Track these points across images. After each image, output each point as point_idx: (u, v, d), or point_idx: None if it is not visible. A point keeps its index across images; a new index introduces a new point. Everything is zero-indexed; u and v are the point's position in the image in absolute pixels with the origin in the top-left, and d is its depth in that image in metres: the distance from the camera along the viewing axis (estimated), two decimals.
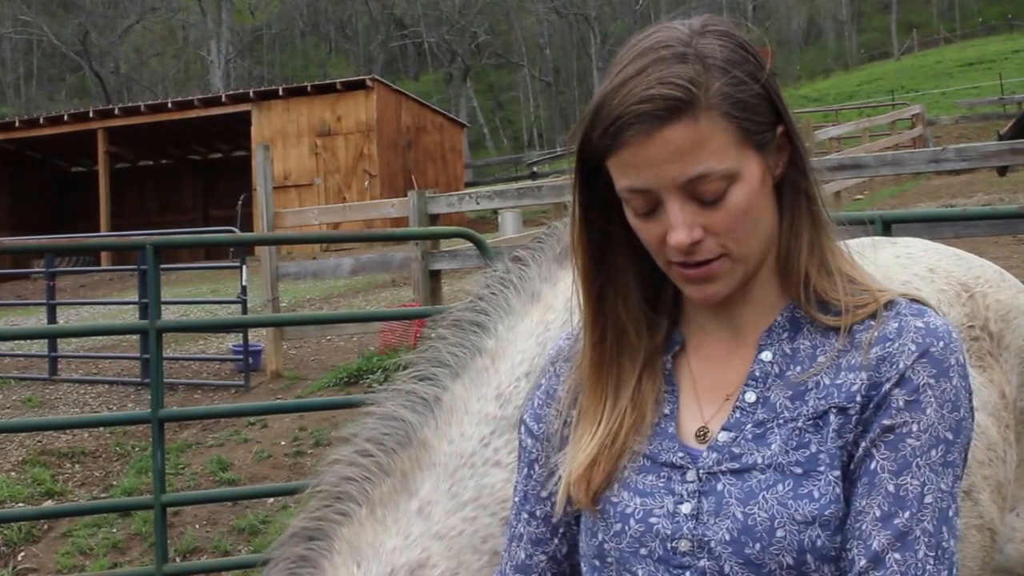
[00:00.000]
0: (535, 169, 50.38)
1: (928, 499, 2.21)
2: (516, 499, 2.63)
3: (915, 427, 2.24)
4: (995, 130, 35.53)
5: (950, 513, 2.23)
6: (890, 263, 3.60)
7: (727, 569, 2.27)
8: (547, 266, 3.52)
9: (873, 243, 2.51)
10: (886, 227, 7.07)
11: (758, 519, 2.26)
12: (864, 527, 2.21)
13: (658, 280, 2.49)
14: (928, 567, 2.17)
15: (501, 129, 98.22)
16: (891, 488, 2.22)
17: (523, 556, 2.59)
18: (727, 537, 2.28)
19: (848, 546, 2.23)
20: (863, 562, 2.19)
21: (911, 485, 2.21)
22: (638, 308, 2.49)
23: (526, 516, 2.60)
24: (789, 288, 2.43)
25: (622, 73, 2.28)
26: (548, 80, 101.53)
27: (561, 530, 2.57)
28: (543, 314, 3.41)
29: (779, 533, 2.24)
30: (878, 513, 2.21)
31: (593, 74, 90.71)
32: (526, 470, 2.63)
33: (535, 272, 3.53)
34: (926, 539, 2.18)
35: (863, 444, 2.27)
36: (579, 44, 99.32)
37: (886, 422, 2.26)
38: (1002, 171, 24.32)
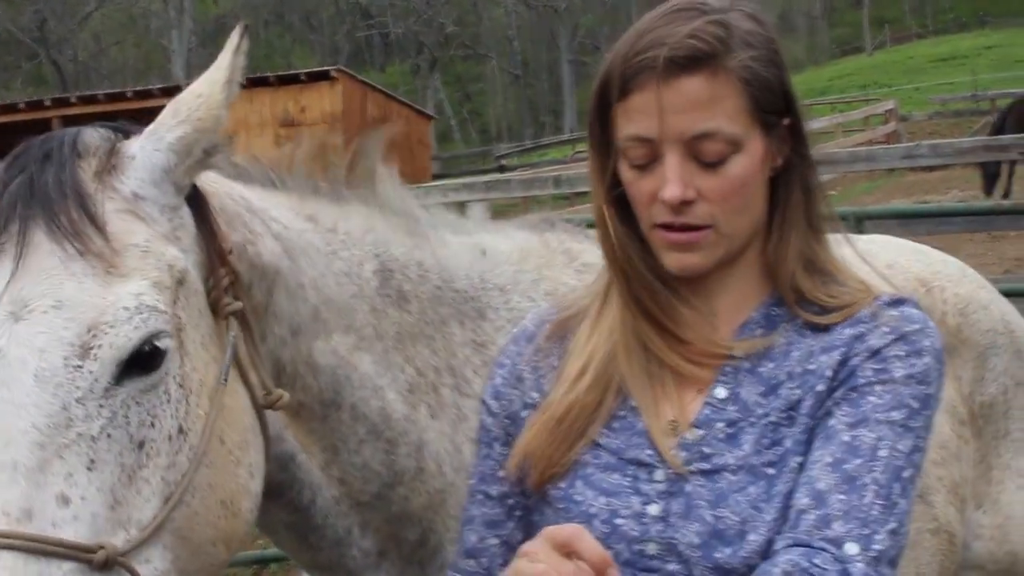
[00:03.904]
0: (503, 162, 50.38)
1: (882, 452, 2.20)
2: (472, 481, 2.60)
3: (879, 387, 2.26)
4: (968, 126, 35.73)
5: (905, 473, 2.21)
6: (849, 260, 3.66)
7: (696, 573, 2.26)
8: None
9: (835, 240, 2.50)
10: (859, 223, 7.09)
11: (728, 522, 2.25)
12: (813, 472, 2.20)
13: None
14: (874, 513, 2.14)
15: (469, 121, 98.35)
16: (846, 438, 2.22)
17: (474, 539, 2.56)
18: (696, 540, 2.26)
19: (795, 492, 2.21)
20: (805, 500, 2.17)
21: (866, 437, 2.21)
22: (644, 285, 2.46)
23: (481, 497, 2.57)
24: (770, 283, 2.44)
25: (649, 23, 2.32)
26: (517, 72, 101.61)
27: (517, 514, 2.54)
28: None
29: (750, 536, 2.23)
30: (829, 460, 2.20)
31: (562, 67, 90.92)
32: (485, 450, 2.61)
33: None
34: (875, 487, 2.17)
35: (825, 407, 2.28)
36: (548, 36, 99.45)
37: (851, 385, 2.27)
38: (989, 188, 24.38)
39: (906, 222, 9.79)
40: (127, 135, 2.51)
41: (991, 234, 15.80)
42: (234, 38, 2.54)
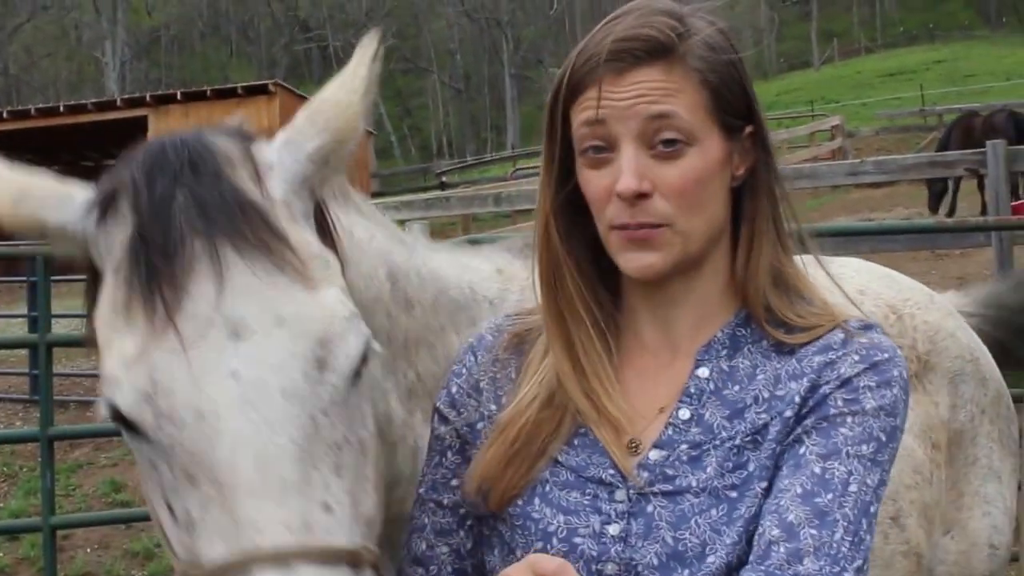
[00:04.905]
0: (444, 179, 50.24)
1: (853, 487, 2.21)
2: (421, 490, 2.61)
3: (850, 419, 2.26)
4: (916, 142, 35.94)
5: (871, 509, 2.23)
6: (820, 283, 3.70)
7: None
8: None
9: (805, 262, 2.53)
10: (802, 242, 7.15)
11: (688, 544, 2.26)
12: (783, 502, 2.21)
13: (602, 278, 2.51)
14: (843, 550, 2.16)
15: (409, 137, 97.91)
16: (816, 470, 2.22)
17: (423, 547, 2.57)
18: (655, 562, 2.27)
19: (762, 521, 2.22)
20: (776, 531, 2.18)
21: (838, 471, 2.22)
22: (591, 298, 2.49)
23: (432, 506, 2.58)
24: (736, 302, 2.45)
25: (606, 22, 2.36)
26: (459, 87, 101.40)
27: (468, 523, 2.55)
28: None
29: (709, 559, 2.24)
30: (799, 491, 2.21)
31: (505, 80, 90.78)
32: (437, 458, 2.61)
33: None
34: (845, 523, 2.18)
35: (794, 434, 2.28)
36: (491, 49, 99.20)
37: (821, 415, 2.27)
38: (934, 205, 24.53)
39: (849, 240, 9.86)
40: (248, 139, 2.50)
41: (935, 252, 15.96)
42: (371, 45, 2.52)
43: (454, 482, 2.56)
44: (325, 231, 2.53)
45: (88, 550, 11.93)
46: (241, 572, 2.08)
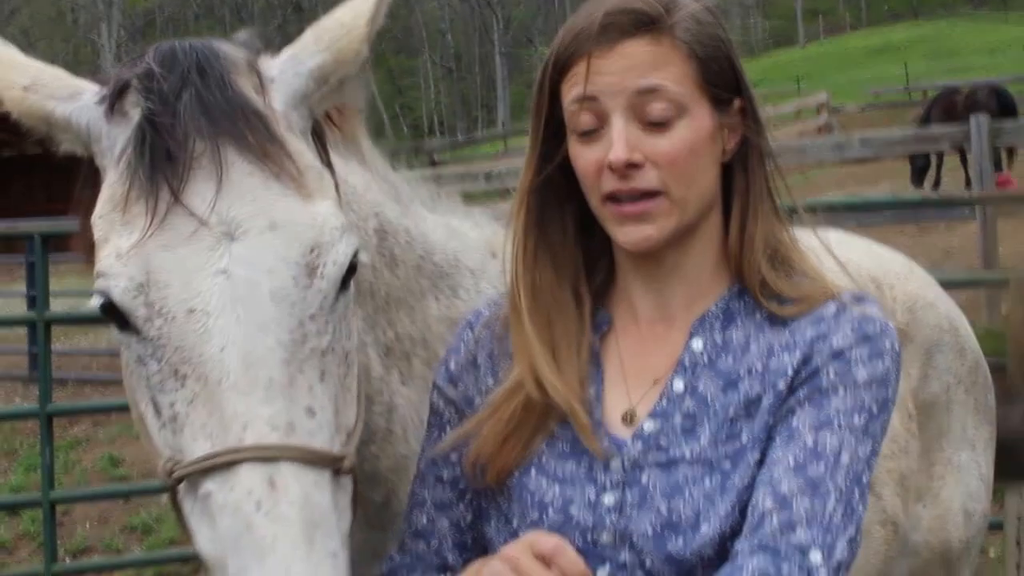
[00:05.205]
0: (435, 157, 50.15)
1: (844, 458, 2.22)
2: (421, 465, 2.61)
3: (842, 391, 2.27)
4: (902, 118, 35.85)
5: (863, 479, 2.24)
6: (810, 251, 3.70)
7: (648, 563, 2.28)
8: None
9: (796, 235, 2.53)
10: (790, 216, 7.13)
11: (683, 514, 2.26)
12: (776, 474, 2.22)
13: (591, 252, 2.52)
14: (836, 520, 2.17)
15: (401, 116, 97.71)
16: (809, 441, 2.23)
17: (424, 521, 2.57)
18: (650, 531, 2.28)
19: (756, 491, 2.23)
20: (769, 502, 2.19)
21: (830, 442, 2.23)
22: (569, 277, 2.50)
23: (432, 480, 2.58)
24: (729, 275, 2.46)
25: (594, 2, 2.37)
26: (450, 66, 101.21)
27: (468, 496, 2.55)
28: None
29: (703, 528, 2.25)
30: (792, 462, 2.22)
31: (495, 60, 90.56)
32: (436, 432, 2.61)
33: None
34: (836, 494, 2.19)
35: (787, 406, 2.29)
36: (481, 29, 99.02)
37: (814, 386, 2.28)
38: (917, 181, 24.49)
39: (835, 215, 9.86)
40: (255, 51, 2.54)
41: (920, 226, 15.95)
42: None
43: (453, 457, 2.56)
44: (322, 151, 2.56)
45: (87, 525, 11.92)
46: (225, 468, 2.10)
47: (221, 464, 2.10)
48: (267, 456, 2.10)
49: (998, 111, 21.83)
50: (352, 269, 2.34)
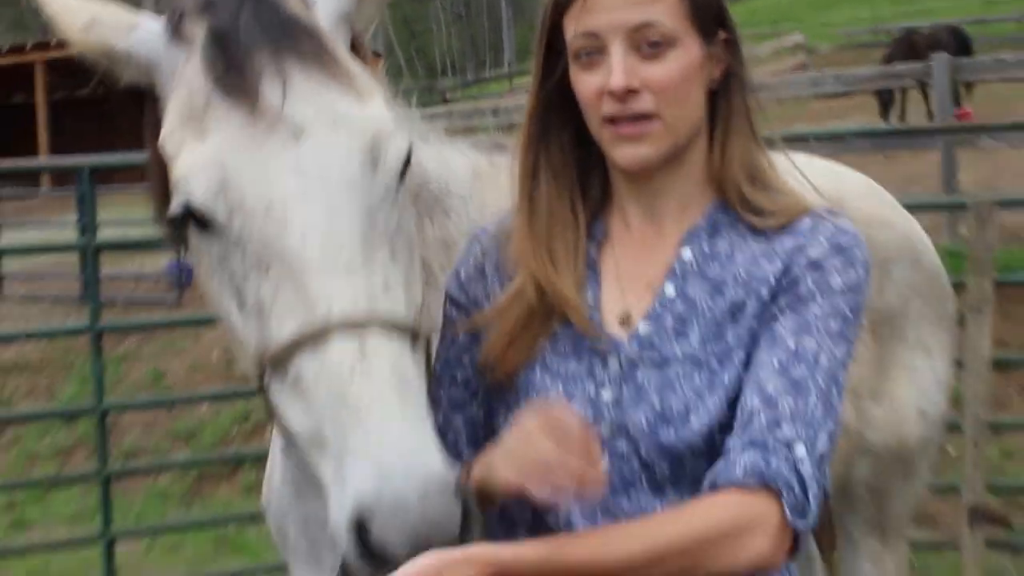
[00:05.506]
0: (447, 95, 50.06)
1: (823, 360, 2.26)
2: (437, 367, 2.61)
3: (819, 298, 2.30)
4: (872, 58, 35.75)
5: (840, 378, 2.28)
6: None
7: (643, 453, 2.31)
8: None
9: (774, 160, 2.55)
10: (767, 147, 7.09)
11: (674, 408, 2.30)
12: (762, 375, 2.25)
13: (588, 170, 2.54)
14: (817, 415, 2.21)
15: (416, 58, 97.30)
16: (791, 345, 2.27)
17: (440, 419, 2.56)
18: (644, 424, 2.31)
19: (744, 393, 2.26)
20: (756, 401, 2.22)
21: (809, 345, 2.27)
22: (567, 191, 2.52)
23: (447, 381, 2.60)
24: (713, 191, 2.47)
25: None
26: (460, 12, 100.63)
27: (480, 396, 2.58)
28: None
29: (692, 420, 2.28)
30: (776, 365, 2.25)
31: (501, 7, 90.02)
32: (449, 337, 2.63)
33: None
34: (817, 391, 2.23)
35: (770, 313, 2.32)
36: None
37: (793, 294, 2.32)
38: (885, 113, 24.37)
39: (809, 145, 9.83)
40: None
41: (887, 155, 15.86)
42: None
43: (465, 359, 2.58)
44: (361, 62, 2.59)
45: (136, 431, 12.01)
46: (315, 342, 2.12)
47: (312, 337, 2.12)
48: (356, 324, 2.12)
49: (956, 50, 21.68)
50: (407, 162, 2.37)
